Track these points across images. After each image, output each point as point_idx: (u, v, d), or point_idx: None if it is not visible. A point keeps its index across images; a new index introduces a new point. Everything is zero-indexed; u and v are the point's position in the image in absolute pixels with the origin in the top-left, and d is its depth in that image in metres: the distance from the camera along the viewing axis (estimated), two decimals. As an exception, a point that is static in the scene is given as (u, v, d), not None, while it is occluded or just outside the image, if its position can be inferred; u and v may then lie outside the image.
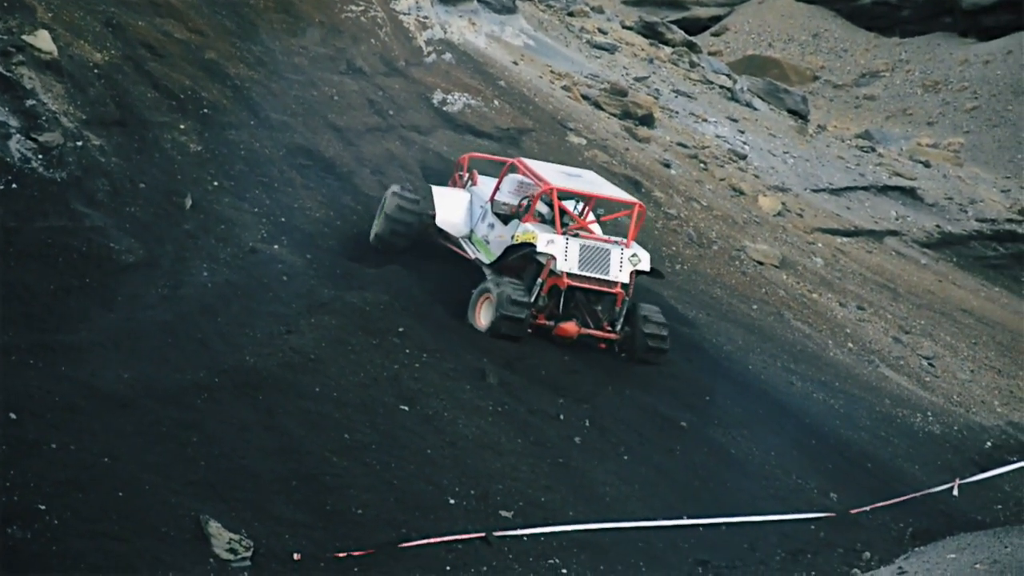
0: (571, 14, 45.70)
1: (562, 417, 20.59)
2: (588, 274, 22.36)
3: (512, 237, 22.76)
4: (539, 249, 22.21)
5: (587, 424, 20.67)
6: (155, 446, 15.80)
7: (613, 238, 23.09)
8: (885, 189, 41.89)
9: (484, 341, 21.76)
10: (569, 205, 23.94)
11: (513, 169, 24.12)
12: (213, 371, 17.91)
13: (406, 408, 18.96)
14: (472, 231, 24.18)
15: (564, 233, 22.44)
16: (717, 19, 68.15)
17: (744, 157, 39.10)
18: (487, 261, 23.29)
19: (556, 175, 23.56)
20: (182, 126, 23.33)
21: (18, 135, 19.77)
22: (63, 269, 18.57)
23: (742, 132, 41.42)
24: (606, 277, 22.44)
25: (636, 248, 22.77)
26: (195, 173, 22.61)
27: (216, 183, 22.78)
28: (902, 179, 43.00)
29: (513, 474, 18.45)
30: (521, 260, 22.76)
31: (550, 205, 23.05)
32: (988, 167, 50.90)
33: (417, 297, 22.11)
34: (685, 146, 37.37)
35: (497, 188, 23.97)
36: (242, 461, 16.26)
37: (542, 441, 19.68)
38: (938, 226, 41.02)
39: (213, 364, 18.12)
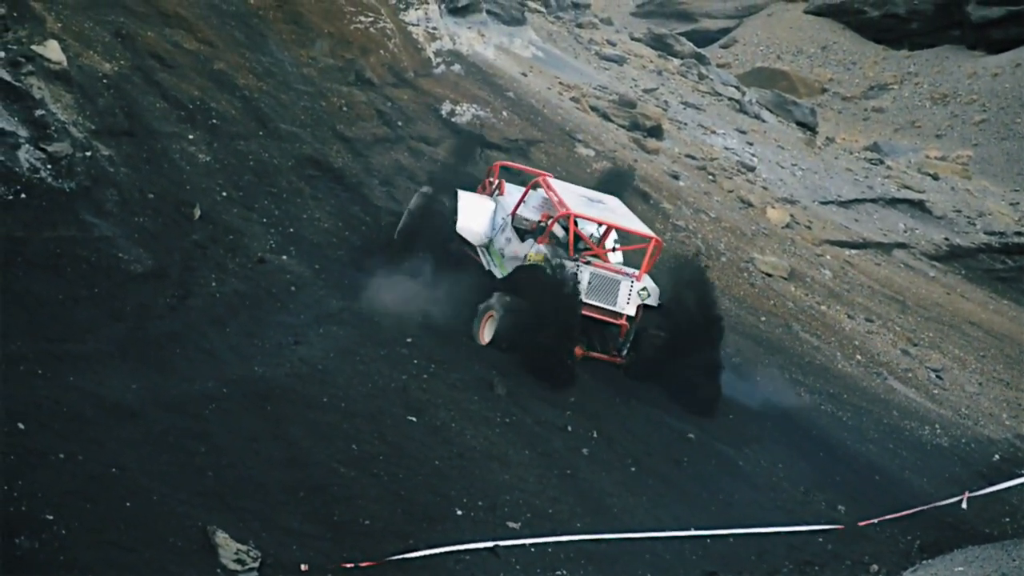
0: (580, 26, 45.76)
1: (570, 428, 20.58)
2: (595, 303, 22.25)
3: (525, 256, 22.68)
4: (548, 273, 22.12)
5: (594, 435, 20.66)
6: (163, 456, 15.80)
7: (626, 269, 22.95)
8: (894, 201, 41.85)
9: (492, 352, 21.76)
10: (592, 229, 23.83)
11: (538, 186, 24.07)
12: (221, 381, 17.91)
13: (414, 419, 18.96)
14: (491, 241, 24.07)
15: (576, 259, 22.32)
16: (726, 31, 68.20)
17: (752, 169, 39.09)
18: (499, 275, 23.21)
19: (577, 199, 23.36)
20: (191, 136, 23.34)
21: (27, 145, 19.77)
22: (71, 279, 18.57)
23: (750, 144, 41.42)
24: (612, 308, 22.37)
25: (647, 281, 22.63)
26: (204, 183, 22.62)
27: (225, 193, 22.79)
28: (911, 192, 42.96)
29: (521, 485, 18.45)
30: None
31: (567, 229, 22.92)
32: (997, 180, 50.83)
33: (425, 308, 22.11)
34: (693, 158, 37.38)
35: (520, 203, 23.88)
36: (250, 471, 16.26)
37: (550, 452, 19.67)
38: (946, 239, 40.97)
39: (221, 374, 18.12)
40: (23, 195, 19.07)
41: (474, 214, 24.28)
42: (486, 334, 22.11)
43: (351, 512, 16.28)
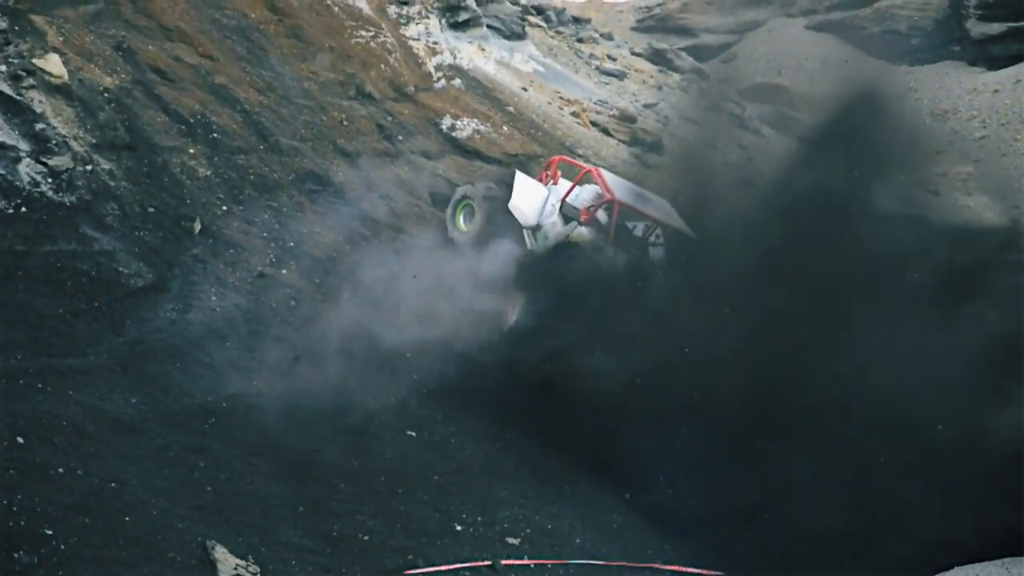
0: (581, 40, 45.77)
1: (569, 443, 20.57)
2: None
3: (567, 236, 23.05)
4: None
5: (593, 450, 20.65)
6: (163, 471, 15.79)
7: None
8: (893, 217, 41.75)
9: (491, 368, 21.70)
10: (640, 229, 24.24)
11: (590, 178, 24.44)
12: (221, 396, 17.91)
13: (413, 434, 18.95)
14: (540, 224, 24.41)
15: (615, 245, 22.75)
16: (726, 46, 68.20)
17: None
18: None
19: (627, 192, 23.83)
20: (191, 150, 23.33)
21: (28, 159, 19.77)
22: (72, 293, 18.55)
23: (750, 160, 41.35)
24: None
25: None
26: (204, 197, 22.61)
27: (225, 208, 22.78)
28: (910, 207, 42.87)
29: (520, 501, 18.44)
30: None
31: (610, 216, 23.31)
32: (997, 196, 50.78)
33: (426, 322, 22.11)
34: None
35: (570, 191, 24.18)
36: (249, 486, 16.26)
37: (549, 468, 19.65)
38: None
39: (221, 389, 18.12)
40: (23, 209, 19.06)
41: (526, 197, 24.70)
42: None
43: (350, 527, 16.27)
